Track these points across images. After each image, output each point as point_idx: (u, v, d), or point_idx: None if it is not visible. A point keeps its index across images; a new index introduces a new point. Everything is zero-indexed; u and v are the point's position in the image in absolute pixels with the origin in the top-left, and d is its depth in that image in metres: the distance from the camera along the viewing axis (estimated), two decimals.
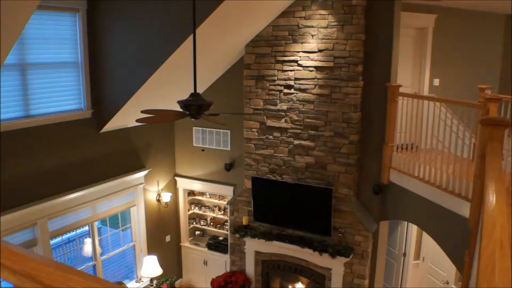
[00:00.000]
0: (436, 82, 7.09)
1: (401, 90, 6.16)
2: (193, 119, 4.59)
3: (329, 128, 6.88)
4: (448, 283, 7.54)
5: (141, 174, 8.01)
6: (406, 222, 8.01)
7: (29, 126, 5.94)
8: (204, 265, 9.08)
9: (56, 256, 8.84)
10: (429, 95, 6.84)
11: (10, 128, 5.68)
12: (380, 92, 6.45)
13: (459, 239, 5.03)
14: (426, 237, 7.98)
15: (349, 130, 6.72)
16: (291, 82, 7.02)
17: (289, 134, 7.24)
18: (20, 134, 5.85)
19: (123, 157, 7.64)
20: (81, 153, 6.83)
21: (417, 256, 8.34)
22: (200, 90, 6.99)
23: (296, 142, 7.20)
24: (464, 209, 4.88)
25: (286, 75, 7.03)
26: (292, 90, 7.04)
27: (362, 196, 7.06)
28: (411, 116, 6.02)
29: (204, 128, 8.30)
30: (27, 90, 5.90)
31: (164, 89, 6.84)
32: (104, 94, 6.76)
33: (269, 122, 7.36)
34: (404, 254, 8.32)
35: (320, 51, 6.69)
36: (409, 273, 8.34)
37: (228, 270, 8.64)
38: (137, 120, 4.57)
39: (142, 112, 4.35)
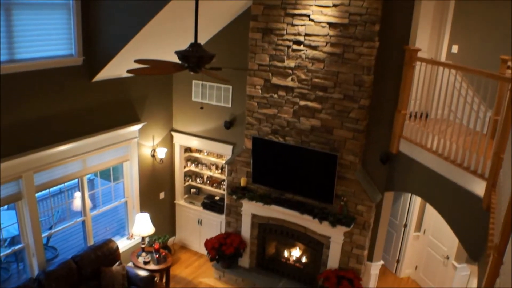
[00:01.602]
0: (455, 49, 6.71)
1: (418, 54, 5.82)
2: (192, 73, 4.30)
3: (338, 90, 6.56)
4: (448, 258, 7.43)
5: (136, 127, 7.74)
6: (408, 193, 7.85)
7: (14, 71, 5.60)
8: (198, 225, 8.97)
9: (43, 210, 8.73)
10: (448, 62, 6.49)
11: None
12: (397, 55, 6.11)
13: (469, 217, 4.86)
14: (429, 210, 7.86)
15: (360, 93, 6.41)
16: (301, 38, 6.65)
17: (295, 94, 6.93)
18: (4, 80, 5.52)
19: (117, 109, 7.36)
20: (70, 103, 6.53)
21: (418, 228, 8.23)
22: (201, 41, 6.62)
23: (302, 103, 6.90)
24: (477, 187, 4.69)
25: (296, 30, 6.65)
26: (302, 47, 6.68)
27: (368, 165, 6.84)
28: (425, 84, 5.73)
29: (205, 82, 7.98)
30: (12, 32, 5.51)
31: (162, 38, 6.49)
32: (96, 40, 6.40)
33: (275, 80, 7.04)
34: (405, 225, 8.21)
35: (335, 6, 6.28)
36: (409, 245, 8.28)
37: (223, 231, 8.55)
38: (129, 71, 4.26)
39: (136, 62, 4.05)
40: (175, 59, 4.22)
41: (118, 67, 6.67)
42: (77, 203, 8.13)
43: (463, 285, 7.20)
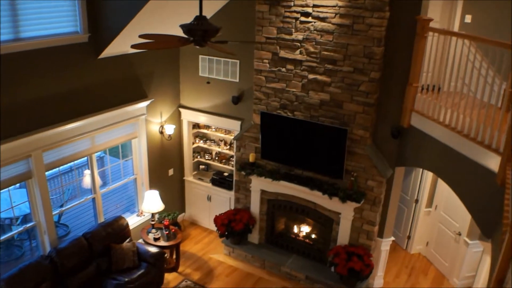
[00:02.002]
0: (468, 18, 6.53)
1: (430, 25, 5.68)
2: (198, 47, 4.22)
3: (348, 63, 6.44)
4: (460, 234, 7.39)
5: (143, 104, 7.69)
6: (420, 168, 7.78)
7: (20, 50, 5.55)
8: (207, 201, 8.99)
9: (53, 188, 8.79)
10: (461, 32, 6.33)
11: None
12: (408, 25, 5.95)
13: (483, 193, 4.79)
14: (440, 185, 7.79)
15: (370, 66, 6.29)
16: (309, 9, 6.51)
17: (303, 67, 6.82)
18: (10, 59, 5.47)
19: (124, 86, 7.30)
20: (77, 81, 6.48)
21: (430, 204, 8.17)
22: (207, 14, 6.50)
23: (310, 76, 6.80)
24: (491, 162, 4.60)
25: (303, 1, 6.51)
26: (310, 19, 6.54)
27: (379, 139, 6.75)
28: (437, 55, 5.60)
29: (211, 57, 7.88)
30: (16, 11, 5.45)
31: (168, 12, 6.38)
32: (102, 16, 6.31)
33: (282, 53, 6.92)
34: (416, 201, 8.16)
35: None
36: (420, 220, 8.24)
37: (232, 207, 8.55)
38: (133, 46, 4.19)
39: (140, 37, 3.98)
40: (180, 33, 4.14)
41: (124, 44, 6.59)
42: (87, 181, 8.16)
43: (475, 262, 7.17)
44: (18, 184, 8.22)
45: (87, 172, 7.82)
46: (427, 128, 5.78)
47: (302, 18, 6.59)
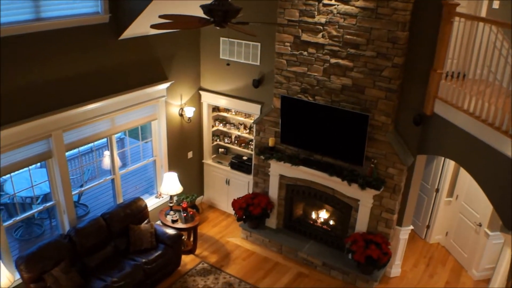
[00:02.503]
0: (496, 4, 6.35)
1: (457, 9, 5.54)
2: (218, 28, 4.19)
3: (371, 48, 6.34)
4: (480, 225, 7.28)
5: (163, 86, 7.72)
6: (442, 156, 7.67)
7: (41, 30, 5.60)
8: (226, 184, 9.03)
9: (73, 169, 8.91)
10: (489, 18, 6.17)
11: (20, 32, 5.37)
12: (434, 10, 5.81)
13: (506, 184, 4.71)
14: (462, 175, 7.67)
15: (393, 51, 6.18)
16: None
17: (325, 51, 6.75)
18: (31, 39, 5.54)
19: (144, 67, 7.33)
20: (98, 61, 6.53)
21: (450, 193, 8.05)
22: None
23: (333, 60, 6.72)
24: None
25: None
26: (333, 1, 6.44)
27: (401, 126, 6.67)
28: (463, 41, 5.47)
29: (232, 40, 7.83)
30: None
31: None
32: None
33: (304, 37, 6.85)
34: (437, 190, 8.05)
35: None
36: (440, 210, 8.14)
37: (250, 191, 8.57)
38: (152, 26, 4.19)
39: (160, 17, 3.98)
40: (201, 14, 4.12)
41: (145, 25, 6.58)
42: (106, 162, 8.27)
43: (495, 254, 7.07)
44: (39, 164, 8.37)
45: (106, 153, 7.91)
46: (450, 116, 5.68)
47: (325, 1, 6.49)
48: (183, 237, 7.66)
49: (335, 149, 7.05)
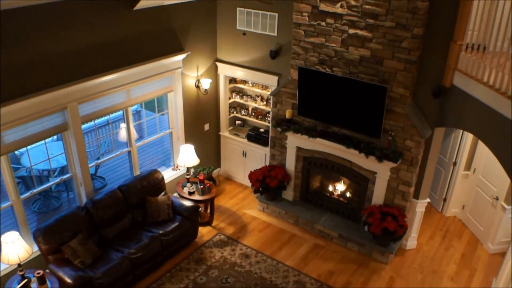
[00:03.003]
0: None
1: None
2: None
3: (390, 18, 6.24)
4: (497, 199, 7.25)
5: (179, 57, 7.72)
6: (461, 130, 7.59)
7: (55, 0, 5.58)
8: (243, 157, 9.08)
9: (90, 141, 9.03)
10: None
11: (34, 3, 5.37)
12: None
13: None
14: (480, 148, 7.61)
15: (413, 21, 6.07)
16: None
17: (344, 21, 6.66)
18: (46, 10, 5.55)
19: (160, 38, 7.32)
20: (113, 32, 6.53)
21: (468, 167, 8.01)
22: None
23: (351, 31, 6.64)
24: None
25: None
26: None
27: (419, 99, 6.60)
28: (484, 12, 5.34)
29: (249, 10, 7.77)
30: None
31: None
32: None
33: (323, 6, 6.76)
34: (455, 163, 8.01)
35: None
36: (457, 183, 8.12)
37: (267, 163, 8.62)
38: None
39: None
40: None
41: None
42: (122, 134, 8.35)
43: (511, 228, 7.07)
44: (55, 137, 8.51)
45: (123, 125, 7.98)
46: (470, 88, 5.60)
47: None
48: (200, 209, 7.77)
49: (353, 121, 7.02)
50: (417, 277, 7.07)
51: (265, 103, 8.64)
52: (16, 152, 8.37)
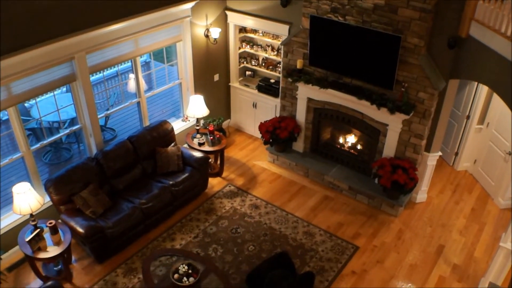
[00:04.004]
0: None
1: None
2: None
3: None
4: (510, 154, 7.20)
5: (188, 5, 7.57)
6: (475, 83, 7.46)
7: None
8: (253, 108, 9.06)
9: (99, 92, 9.03)
10: None
11: None
12: None
13: None
14: (495, 101, 7.50)
15: None
16: None
17: None
18: None
19: None
20: None
21: (481, 121, 7.91)
22: None
23: None
24: None
25: None
26: None
27: (434, 49, 6.45)
28: None
29: None
30: None
31: None
32: None
33: None
34: (468, 117, 7.92)
35: None
36: (470, 137, 8.06)
37: (277, 115, 8.61)
38: None
39: None
40: None
41: None
42: (131, 85, 8.35)
43: None
44: (64, 89, 8.53)
45: (131, 76, 7.96)
46: (486, 39, 5.47)
47: None
48: (210, 160, 7.84)
49: (365, 72, 6.93)
50: (426, 230, 7.15)
51: (275, 53, 8.53)
52: (26, 104, 8.44)
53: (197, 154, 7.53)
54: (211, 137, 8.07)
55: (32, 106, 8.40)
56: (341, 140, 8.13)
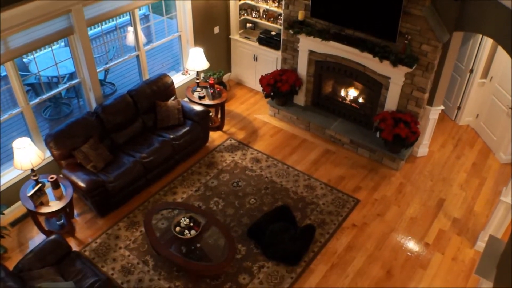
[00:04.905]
0: None
1: None
2: None
3: None
4: None
5: None
6: (480, 36, 7.33)
7: None
8: (254, 61, 8.95)
9: (97, 45, 8.91)
10: None
11: None
12: None
13: None
14: (499, 55, 7.36)
15: None
16: None
17: None
18: None
19: None
20: None
21: (485, 75, 7.79)
22: None
23: None
24: None
25: None
26: None
27: (438, 1, 6.27)
28: None
29: None
30: None
31: None
32: None
33: None
34: (471, 71, 7.82)
35: None
36: (473, 91, 7.96)
37: (278, 67, 8.52)
38: None
39: None
40: None
41: None
42: (130, 38, 8.23)
43: None
44: (63, 43, 8.41)
45: (130, 29, 7.83)
46: None
47: None
48: (211, 114, 7.81)
49: (368, 24, 6.79)
50: (426, 183, 7.19)
51: (276, 4, 8.35)
52: (24, 59, 8.35)
53: (198, 108, 7.49)
54: (212, 91, 8.01)
55: (30, 61, 8.32)
56: (342, 94, 8.06)
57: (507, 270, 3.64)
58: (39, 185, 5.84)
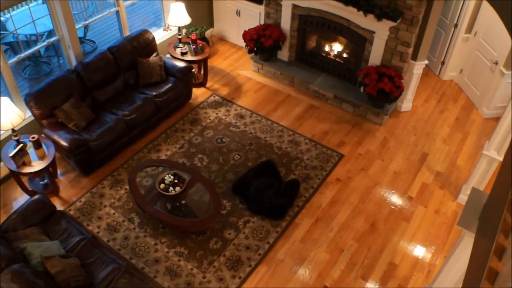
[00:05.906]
0: None
1: None
2: None
3: None
4: (497, 63, 7.14)
5: None
6: None
7: None
8: (236, 16, 8.77)
9: (74, 1, 8.62)
10: None
11: None
12: None
13: None
14: (484, 9, 7.29)
15: None
16: None
17: None
18: None
19: None
20: None
21: (469, 29, 7.74)
22: None
23: None
24: None
25: None
26: None
27: None
28: None
29: None
30: None
31: None
32: None
33: None
34: (456, 26, 7.75)
35: None
36: (457, 46, 7.93)
37: (262, 22, 8.37)
38: None
39: None
40: None
41: None
42: None
43: (507, 94, 7.06)
44: (40, 1, 8.14)
45: None
46: None
47: None
48: (193, 70, 7.70)
49: None
50: (410, 138, 7.23)
51: None
52: (1, 18, 8.09)
53: (180, 64, 7.36)
54: (194, 47, 7.87)
55: (7, 19, 8.05)
56: (326, 49, 7.98)
57: (489, 221, 3.70)
58: (21, 145, 5.75)
